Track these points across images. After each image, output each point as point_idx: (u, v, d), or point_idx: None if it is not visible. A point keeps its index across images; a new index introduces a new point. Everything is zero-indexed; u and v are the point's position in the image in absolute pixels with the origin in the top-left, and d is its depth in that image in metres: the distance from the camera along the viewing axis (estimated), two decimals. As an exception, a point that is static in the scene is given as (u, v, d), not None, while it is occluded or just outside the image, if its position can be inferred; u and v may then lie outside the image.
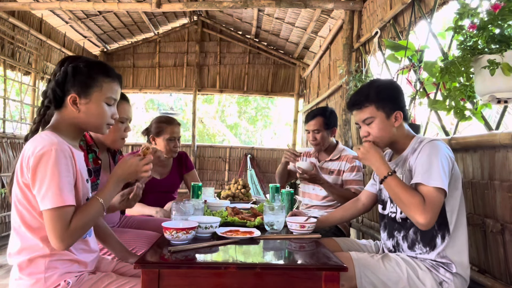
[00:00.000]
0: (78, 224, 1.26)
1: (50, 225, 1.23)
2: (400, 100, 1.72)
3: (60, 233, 1.22)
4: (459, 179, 1.60)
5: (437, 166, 1.50)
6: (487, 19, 1.49)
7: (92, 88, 1.37)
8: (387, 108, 1.67)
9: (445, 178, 1.49)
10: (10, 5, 4.54)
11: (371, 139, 1.71)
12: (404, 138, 1.71)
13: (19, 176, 1.28)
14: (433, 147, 1.57)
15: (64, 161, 1.25)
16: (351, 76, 3.66)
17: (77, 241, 1.32)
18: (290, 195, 2.22)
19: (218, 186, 7.44)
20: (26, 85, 5.21)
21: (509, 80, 1.45)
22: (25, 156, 1.26)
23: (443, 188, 1.47)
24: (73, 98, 1.35)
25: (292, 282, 1.30)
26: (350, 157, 2.62)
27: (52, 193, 1.22)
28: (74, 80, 1.36)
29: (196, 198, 2.05)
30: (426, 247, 1.60)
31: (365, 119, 1.70)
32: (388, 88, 1.74)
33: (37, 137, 1.31)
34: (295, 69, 7.41)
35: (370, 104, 1.68)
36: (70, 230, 1.24)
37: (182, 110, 14.13)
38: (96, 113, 1.39)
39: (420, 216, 1.45)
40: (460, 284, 1.54)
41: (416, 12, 2.68)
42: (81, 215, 1.28)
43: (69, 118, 1.38)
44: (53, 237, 1.23)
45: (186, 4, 4.63)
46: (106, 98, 1.41)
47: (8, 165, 4.49)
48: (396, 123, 1.68)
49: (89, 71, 1.38)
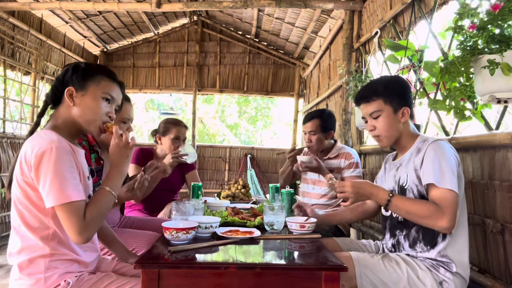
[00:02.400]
0: (92, 215, 1.27)
1: (66, 221, 1.24)
2: (408, 96, 1.72)
3: (77, 226, 1.23)
4: (462, 179, 1.59)
5: (447, 167, 1.49)
6: (487, 19, 1.49)
7: (89, 82, 1.39)
8: (395, 103, 1.67)
9: (455, 179, 1.48)
10: (10, 5, 4.54)
11: (376, 133, 1.70)
12: (409, 136, 1.71)
13: (18, 175, 1.28)
14: (440, 147, 1.56)
15: (66, 157, 1.26)
16: (351, 76, 3.66)
17: (95, 232, 1.34)
18: (290, 195, 2.22)
19: (218, 186, 7.45)
20: (26, 85, 5.21)
21: (509, 80, 1.45)
22: (24, 155, 1.26)
23: (454, 190, 1.46)
24: (70, 91, 1.37)
25: (292, 282, 1.30)
26: (348, 153, 2.64)
27: (56, 189, 1.22)
28: (73, 75, 1.39)
29: (196, 198, 2.05)
30: (427, 246, 1.60)
31: (372, 113, 1.70)
32: (396, 83, 1.74)
33: (36, 136, 1.31)
34: (295, 69, 7.41)
35: (378, 97, 1.68)
36: (86, 222, 1.25)
37: (182, 110, 14.12)
38: (90, 106, 1.38)
39: (441, 221, 1.44)
40: (460, 283, 1.54)
41: (416, 12, 2.68)
42: (93, 206, 1.30)
43: (65, 114, 1.39)
44: (71, 231, 1.24)
45: (186, 4, 4.63)
46: (103, 93, 1.40)
47: (8, 165, 4.50)
48: (402, 119, 1.68)
49: (89, 68, 1.42)
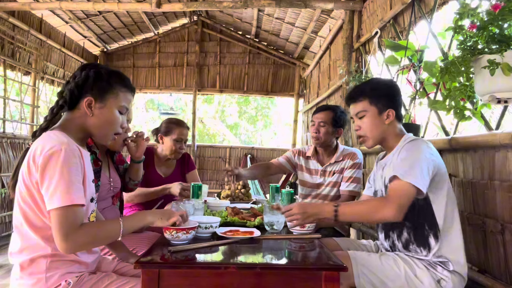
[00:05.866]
0: (88, 231, 1.26)
1: (56, 224, 1.21)
2: (395, 99, 1.74)
3: (66, 232, 1.20)
4: (443, 179, 1.59)
5: (416, 164, 1.51)
6: (487, 19, 1.49)
7: (109, 94, 1.41)
8: (380, 104, 1.71)
9: (422, 177, 1.49)
10: (10, 5, 4.54)
11: (361, 133, 1.76)
12: (394, 137, 1.73)
13: (25, 174, 1.28)
14: (414, 146, 1.59)
15: (73, 160, 1.26)
16: (351, 76, 3.66)
17: (80, 250, 1.32)
18: (290, 195, 2.22)
19: (218, 186, 7.45)
20: (26, 85, 5.21)
21: (509, 80, 1.45)
22: (33, 155, 1.26)
23: (416, 186, 1.47)
24: (89, 101, 1.38)
25: (292, 282, 1.30)
26: (353, 153, 2.59)
27: (61, 191, 1.21)
28: (94, 84, 1.39)
29: (196, 198, 2.05)
30: (420, 247, 1.60)
31: (358, 113, 1.75)
32: (384, 85, 1.78)
33: (45, 136, 1.30)
34: (295, 69, 7.42)
35: (364, 98, 1.73)
36: (78, 232, 1.22)
37: (182, 110, 14.12)
38: (108, 119, 1.42)
39: (386, 210, 1.46)
40: (458, 281, 1.54)
41: (416, 12, 2.68)
42: (96, 226, 1.32)
43: (79, 120, 1.40)
44: (58, 236, 1.21)
45: (186, 4, 4.63)
46: (120, 106, 1.44)
47: (8, 165, 4.50)
48: (387, 121, 1.71)
49: (109, 78, 1.42)
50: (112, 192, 2.00)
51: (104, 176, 1.92)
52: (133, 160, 2.13)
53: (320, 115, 2.62)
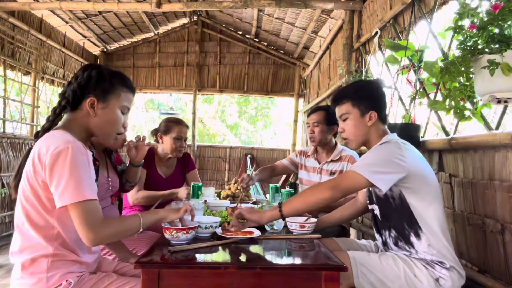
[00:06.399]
0: (111, 223, 1.29)
1: (80, 218, 1.22)
2: (377, 100, 1.75)
3: (91, 224, 1.22)
4: (422, 182, 1.58)
5: (377, 161, 1.55)
6: (487, 19, 1.49)
7: (111, 94, 1.43)
8: (362, 106, 1.72)
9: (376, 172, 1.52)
10: (10, 5, 4.54)
11: (345, 135, 1.78)
12: (377, 138, 1.74)
13: (30, 174, 1.28)
14: (382, 148, 1.63)
15: (81, 158, 1.27)
16: (351, 76, 3.66)
17: (104, 242, 1.38)
18: (290, 195, 2.22)
19: (218, 186, 7.45)
20: (26, 85, 5.21)
21: (509, 80, 1.45)
22: (38, 154, 1.26)
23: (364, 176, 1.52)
24: (92, 101, 1.39)
25: (292, 282, 1.30)
26: (352, 157, 2.62)
27: (73, 187, 1.22)
28: (96, 85, 1.41)
29: (196, 198, 2.05)
30: (407, 245, 1.61)
31: (341, 115, 1.78)
32: (367, 87, 1.80)
33: (50, 135, 1.31)
34: (295, 69, 7.42)
35: (347, 100, 1.75)
36: (102, 224, 1.25)
37: (182, 110, 14.13)
38: (110, 119, 1.43)
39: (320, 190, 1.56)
40: (457, 278, 1.54)
41: (416, 12, 2.68)
42: (117, 219, 1.38)
43: (82, 121, 1.41)
44: (84, 228, 1.22)
45: (186, 4, 4.63)
46: (121, 106, 1.46)
47: (8, 165, 4.50)
48: (369, 122, 1.72)
49: (111, 79, 1.44)
50: (110, 192, 2.01)
51: (102, 175, 1.92)
52: (132, 164, 2.13)
53: (313, 116, 2.71)
